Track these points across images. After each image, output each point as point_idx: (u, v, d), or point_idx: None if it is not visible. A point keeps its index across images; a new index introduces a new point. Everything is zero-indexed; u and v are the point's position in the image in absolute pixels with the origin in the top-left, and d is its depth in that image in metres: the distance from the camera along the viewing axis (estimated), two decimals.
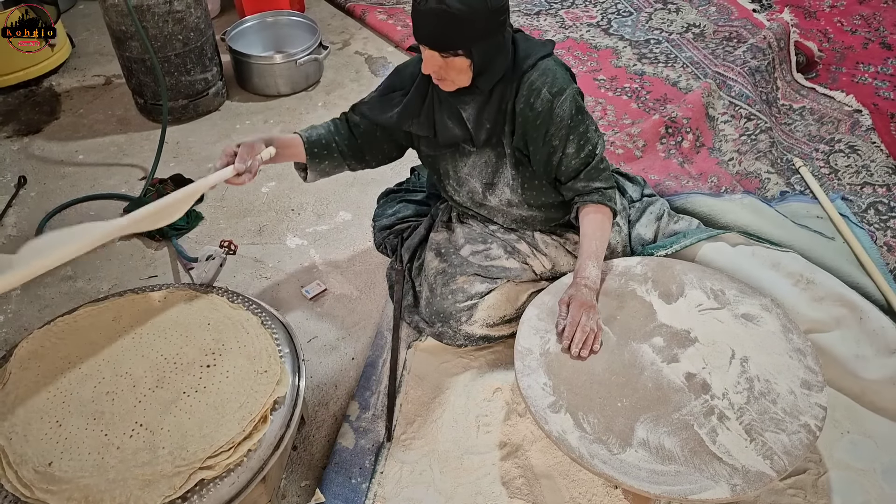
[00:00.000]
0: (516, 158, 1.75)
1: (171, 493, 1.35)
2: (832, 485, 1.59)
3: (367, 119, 1.81)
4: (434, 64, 1.56)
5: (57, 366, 1.55)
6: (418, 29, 1.52)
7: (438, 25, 1.48)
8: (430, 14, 1.47)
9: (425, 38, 1.52)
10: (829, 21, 3.27)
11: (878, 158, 2.48)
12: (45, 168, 2.63)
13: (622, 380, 1.55)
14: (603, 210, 1.73)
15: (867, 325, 1.76)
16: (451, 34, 1.49)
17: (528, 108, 1.65)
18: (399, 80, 1.78)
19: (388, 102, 1.78)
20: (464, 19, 1.46)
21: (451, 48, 1.51)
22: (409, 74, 1.76)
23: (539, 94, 1.63)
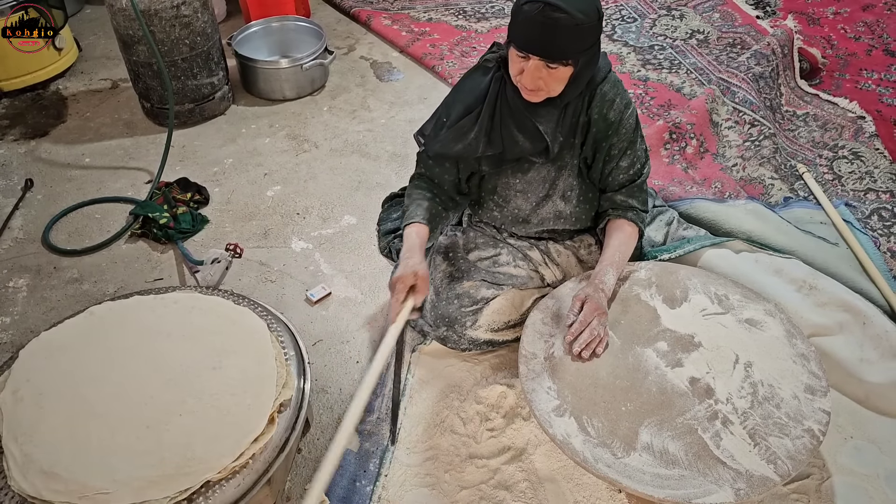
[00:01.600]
0: (579, 169, 1.75)
1: (177, 495, 1.35)
2: (836, 490, 1.59)
3: (445, 157, 1.74)
4: (538, 74, 1.50)
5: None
6: (529, 38, 1.46)
7: (556, 34, 1.43)
8: (549, 23, 1.41)
9: (538, 47, 1.46)
10: (832, 28, 3.27)
11: (882, 165, 2.49)
12: (51, 171, 2.65)
13: (626, 384, 1.55)
14: (633, 228, 1.75)
15: (871, 329, 1.76)
16: (567, 43, 1.45)
17: (602, 119, 1.66)
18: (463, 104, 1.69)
19: (459, 133, 1.69)
20: (581, 27, 1.43)
21: (564, 57, 1.47)
22: (476, 94, 1.68)
23: (612, 105, 1.65)
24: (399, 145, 2.75)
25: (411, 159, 2.67)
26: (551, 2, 1.41)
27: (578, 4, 1.43)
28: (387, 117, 2.91)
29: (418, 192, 1.79)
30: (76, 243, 2.34)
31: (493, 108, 1.66)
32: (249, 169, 2.65)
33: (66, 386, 1.51)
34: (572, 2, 1.42)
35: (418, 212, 1.74)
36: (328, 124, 2.89)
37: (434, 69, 3.15)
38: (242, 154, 2.73)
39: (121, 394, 1.49)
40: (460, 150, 1.70)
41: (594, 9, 1.46)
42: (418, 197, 1.78)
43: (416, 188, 1.81)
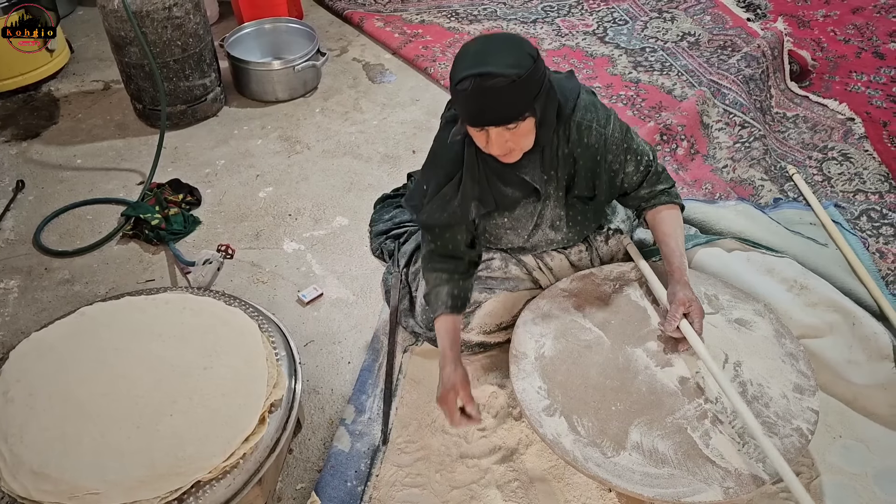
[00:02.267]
0: (567, 200, 1.72)
1: (168, 495, 1.35)
2: (825, 489, 1.60)
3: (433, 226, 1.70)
4: (502, 141, 1.46)
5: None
6: (476, 113, 1.42)
7: (499, 99, 1.38)
8: (488, 92, 1.36)
9: (488, 118, 1.42)
10: (822, 30, 3.30)
11: (871, 166, 2.50)
12: (43, 172, 2.64)
13: (616, 384, 1.56)
14: (670, 208, 1.73)
15: (860, 330, 1.77)
16: (514, 102, 1.39)
17: (585, 149, 1.63)
18: (443, 171, 1.65)
19: (443, 202, 1.65)
20: (520, 81, 1.37)
21: (519, 116, 1.42)
22: (452, 160, 1.64)
23: (590, 131, 1.61)
24: (391, 147, 2.76)
25: (403, 160, 2.68)
26: (480, 72, 1.35)
27: (507, 60, 1.37)
28: (379, 119, 2.92)
29: (434, 275, 1.71)
30: (67, 244, 2.33)
31: (475, 171, 1.62)
32: (241, 170, 2.65)
33: (57, 386, 1.51)
34: (500, 61, 1.37)
35: (439, 301, 1.68)
36: (320, 126, 2.89)
37: (426, 71, 3.16)
38: (234, 155, 2.73)
39: (111, 394, 1.49)
40: (446, 218, 1.67)
41: (525, 54, 1.40)
42: (435, 282, 1.71)
43: (430, 272, 1.72)
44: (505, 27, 3.44)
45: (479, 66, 1.37)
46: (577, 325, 1.70)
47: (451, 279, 1.70)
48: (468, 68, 1.38)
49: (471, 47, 1.43)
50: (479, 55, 1.39)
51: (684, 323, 1.57)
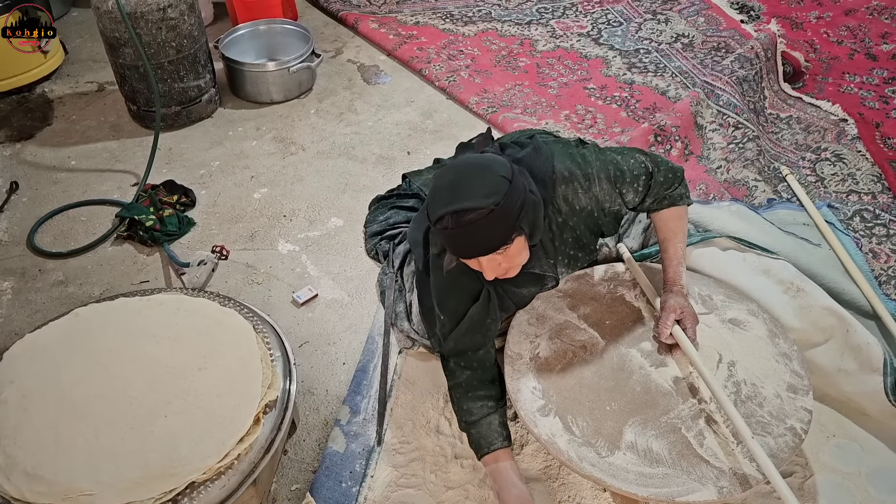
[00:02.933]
0: (569, 258, 1.71)
1: (162, 496, 1.35)
2: (818, 488, 1.60)
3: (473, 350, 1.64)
4: (495, 265, 1.42)
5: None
6: (462, 249, 1.38)
7: (481, 232, 1.34)
8: (468, 228, 1.33)
9: (477, 250, 1.38)
10: (815, 32, 3.31)
11: (864, 167, 2.52)
12: (37, 174, 2.63)
13: (611, 384, 1.56)
14: (676, 209, 1.71)
15: (853, 338, 1.74)
16: (497, 231, 1.35)
17: (578, 214, 1.61)
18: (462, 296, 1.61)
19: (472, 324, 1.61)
20: (499, 210, 1.33)
21: (505, 242, 1.37)
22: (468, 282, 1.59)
23: (578, 199, 1.59)
24: (386, 148, 2.76)
25: (398, 162, 2.68)
26: (458, 208, 1.32)
27: (482, 189, 1.34)
28: (374, 120, 2.92)
29: (478, 404, 1.62)
30: (62, 246, 2.33)
31: (492, 284, 1.59)
32: (236, 171, 2.65)
33: (51, 387, 1.51)
34: (475, 192, 1.33)
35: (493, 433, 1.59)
36: (315, 127, 2.89)
37: (421, 72, 3.16)
38: (229, 157, 2.72)
39: (105, 395, 1.49)
40: (476, 341, 1.62)
41: (499, 178, 1.36)
42: (481, 412, 1.61)
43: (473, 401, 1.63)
44: (500, 29, 3.45)
45: (454, 203, 1.33)
46: (571, 325, 1.70)
47: (497, 408, 1.63)
48: (444, 205, 1.34)
49: (443, 181, 1.39)
50: (452, 189, 1.36)
51: (677, 329, 1.57)
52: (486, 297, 1.60)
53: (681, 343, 1.56)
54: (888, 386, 1.66)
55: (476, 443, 1.60)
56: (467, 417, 1.62)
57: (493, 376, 1.67)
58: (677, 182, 1.69)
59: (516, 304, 1.70)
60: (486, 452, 1.58)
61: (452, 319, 1.61)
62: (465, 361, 1.65)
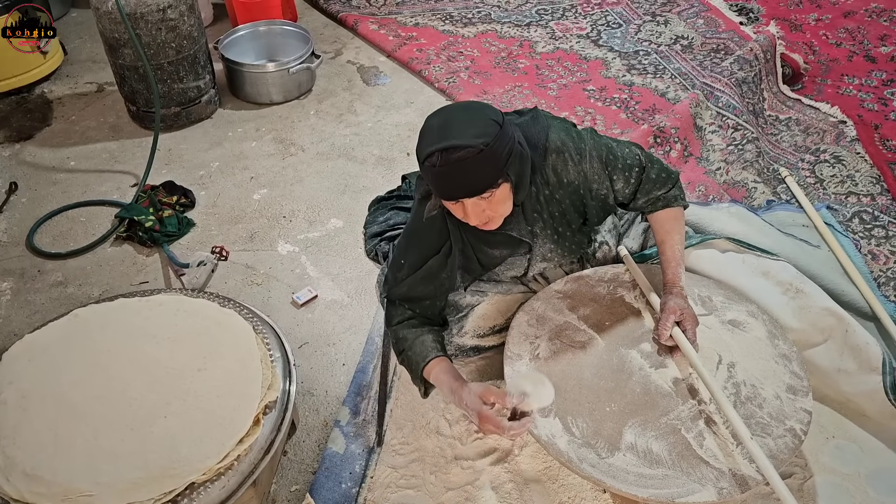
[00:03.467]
0: (557, 234, 1.70)
1: (162, 497, 1.35)
2: (818, 489, 1.60)
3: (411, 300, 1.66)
4: (479, 211, 1.42)
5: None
6: (448, 187, 1.38)
7: (469, 171, 1.34)
8: (457, 165, 1.33)
9: (461, 191, 1.38)
10: (814, 34, 3.32)
11: (863, 169, 2.52)
12: (36, 174, 2.63)
13: (611, 385, 1.56)
14: (672, 211, 1.71)
15: (852, 339, 1.74)
16: (485, 172, 1.36)
17: (566, 188, 1.61)
18: (426, 245, 1.62)
19: (428, 275, 1.62)
20: (488, 150, 1.34)
21: (492, 185, 1.38)
22: (435, 234, 1.60)
23: (567, 171, 1.59)
24: (385, 149, 2.76)
25: (398, 163, 2.68)
26: (447, 145, 1.32)
27: (472, 130, 1.34)
28: (373, 121, 2.92)
29: (412, 331, 1.65)
30: (61, 246, 2.33)
31: (459, 241, 1.60)
32: (236, 172, 2.65)
33: (50, 388, 1.51)
34: (465, 132, 1.34)
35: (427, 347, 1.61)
36: (315, 128, 2.89)
37: (421, 73, 3.16)
38: (229, 157, 2.72)
39: (105, 396, 1.49)
40: (431, 291, 1.64)
41: (489, 121, 1.37)
42: (416, 334, 1.64)
43: (407, 328, 1.65)
44: (499, 30, 3.45)
45: (443, 140, 1.33)
46: (571, 326, 1.70)
47: (432, 330, 1.67)
48: (433, 143, 1.34)
49: (433, 121, 1.40)
50: (442, 129, 1.36)
51: (677, 331, 1.57)
52: (446, 253, 1.61)
53: (681, 345, 1.56)
54: (887, 385, 1.67)
55: (415, 364, 1.60)
56: (402, 345, 1.64)
57: (430, 321, 1.69)
58: (671, 183, 1.69)
59: (484, 266, 1.68)
60: (423, 365, 1.59)
61: (411, 267, 1.63)
62: (410, 305, 1.67)
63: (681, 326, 1.59)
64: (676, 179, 1.71)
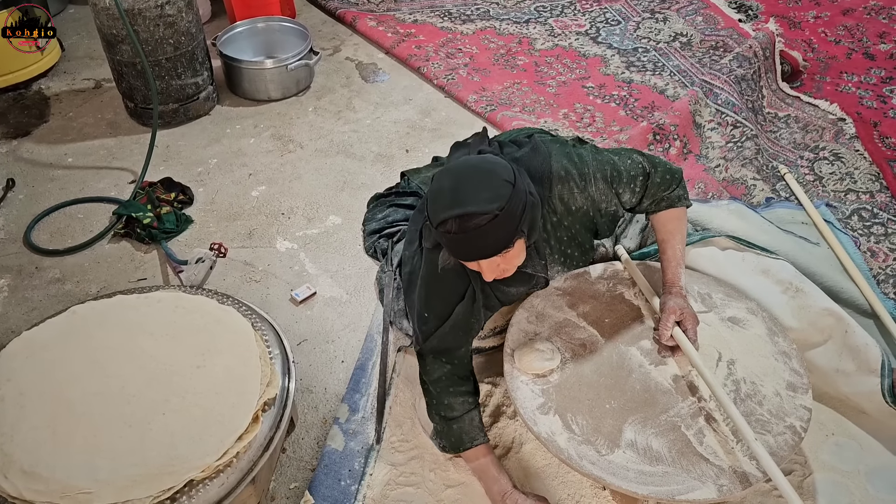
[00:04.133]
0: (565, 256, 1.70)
1: (160, 495, 1.35)
2: (817, 486, 1.61)
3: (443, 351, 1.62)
4: (494, 266, 1.40)
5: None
6: (465, 253, 1.37)
7: (486, 237, 1.32)
8: (473, 233, 1.31)
9: (480, 254, 1.36)
10: (813, 31, 3.31)
11: (862, 166, 2.52)
12: (33, 171, 2.62)
13: (610, 382, 1.56)
14: (675, 211, 1.70)
15: (851, 339, 1.73)
16: (500, 235, 1.33)
17: (574, 214, 1.60)
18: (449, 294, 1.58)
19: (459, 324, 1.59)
20: (503, 214, 1.32)
21: (508, 245, 1.36)
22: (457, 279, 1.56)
23: (574, 199, 1.57)
24: (384, 146, 2.75)
25: (397, 159, 2.67)
26: (462, 213, 1.30)
27: (486, 194, 1.31)
28: (372, 118, 2.92)
29: (460, 400, 1.61)
30: (58, 243, 2.32)
31: (481, 284, 1.57)
32: (234, 169, 2.64)
33: (48, 385, 1.50)
34: (478, 196, 1.31)
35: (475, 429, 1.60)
36: (313, 125, 2.88)
37: (419, 70, 3.16)
38: (227, 154, 2.72)
39: (103, 393, 1.48)
40: (459, 340, 1.61)
41: (502, 182, 1.34)
42: (463, 408, 1.60)
43: (455, 396, 1.61)
44: (498, 27, 3.44)
45: (457, 207, 1.30)
46: (571, 323, 1.70)
47: (476, 404, 1.64)
48: (446, 209, 1.32)
49: (445, 183, 1.37)
50: (454, 192, 1.33)
51: (677, 331, 1.57)
52: (471, 297, 1.58)
53: (682, 346, 1.56)
54: (885, 387, 1.66)
55: (458, 437, 1.59)
56: (448, 413, 1.61)
57: (469, 373, 1.66)
58: (675, 183, 1.68)
59: (502, 302, 1.68)
60: (469, 447, 1.58)
61: (438, 318, 1.59)
62: (447, 358, 1.63)
63: (681, 326, 1.58)
64: (680, 178, 1.70)
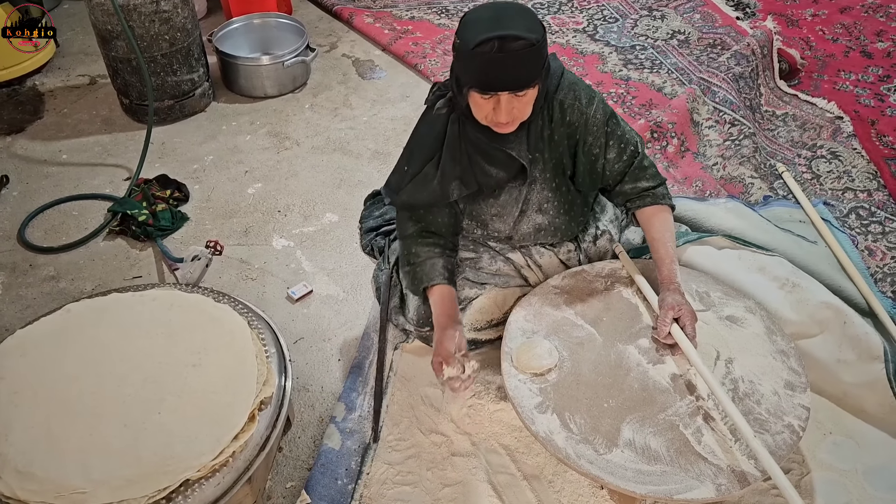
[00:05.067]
0: (556, 182, 1.71)
1: (156, 494, 1.34)
2: (815, 485, 1.60)
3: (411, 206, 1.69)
4: (510, 108, 1.45)
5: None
6: (494, 77, 1.40)
7: (519, 63, 1.37)
8: (511, 55, 1.36)
9: (506, 82, 1.40)
10: (811, 29, 3.31)
11: (859, 164, 2.52)
12: (28, 167, 2.61)
13: (608, 381, 1.55)
14: (659, 208, 1.71)
15: (850, 329, 1.76)
16: (530, 67, 1.40)
17: (566, 128, 1.62)
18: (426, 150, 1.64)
19: (423, 181, 1.64)
20: (537, 46, 1.38)
21: (532, 83, 1.42)
22: (434, 139, 1.62)
23: (572, 109, 1.60)
24: (381, 143, 2.74)
25: (393, 157, 2.62)
26: (505, 34, 1.34)
27: (526, 23, 1.38)
28: (369, 115, 2.90)
29: (425, 248, 1.69)
30: (53, 241, 2.30)
31: (457, 150, 1.60)
32: (230, 166, 2.63)
33: (42, 384, 1.49)
34: (521, 24, 1.38)
35: (436, 272, 1.66)
36: (310, 122, 2.87)
37: (416, 67, 3.14)
38: (223, 151, 2.70)
39: (98, 392, 1.47)
40: (426, 197, 1.66)
41: (537, 21, 1.42)
42: (428, 254, 1.69)
43: (419, 245, 1.70)
44: None
45: (499, 29, 1.35)
46: (568, 322, 1.69)
47: (444, 254, 1.71)
48: (487, 31, 1.36)
49: (482, 13, 1.42)
50: (495, 20, 1.38)
51: (676, 329, 1.57)
52: (437, 160, 1.63)
53: (680, 343, 1.56)
54: (891, 372, 1.67)
55: (418, 278, 1.65)
56: (413, 259, 1.67)
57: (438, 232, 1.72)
58: (659, 181, 1.72)
59: (479, 183, 1.66)
60: (426, 285, 1.63)
61: (412, 173, 1.66)
62: (416, 216, 1.70)
63: (679, 323, 1.58)
64: (664, 182, 1.74)
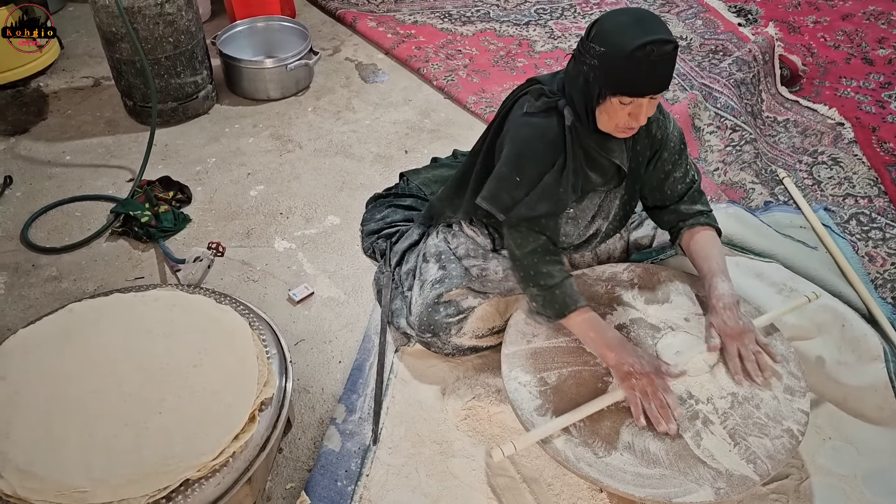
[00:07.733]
0: (631, 191, 1.71)
1: (156, 494, 1.34)
2: (814, 490, 1.60)
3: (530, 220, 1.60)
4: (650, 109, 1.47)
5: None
6: (648, 81, 1.40)
7: (669, 66, 1.41)
8: (664, 59, 1.38)
9: (659, 85, 1.42)
10: (812, 36, 3.32)
11: (860, 171, 2.52)
12: (31, 168, 2.62)
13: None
14: (711, 231, 1.73)
15: (849, 332, 1.77)
16: (673, 69, 1.43)
17: (650, 139, 1.64)
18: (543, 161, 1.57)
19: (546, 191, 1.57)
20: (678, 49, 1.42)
21: (668, 85, 1.44)
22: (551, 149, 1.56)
23: (657, 122, 1.63)
24: (383, 147, 2.75)
25: (396, 160, 2.67)
26: (656, 38, 1.36)
27: (665, 27, 1.41)
28: (371, 118, 2.91)
29: (556, 268, 1.62)
30: (55, 241, 2.31)
31: (575, 159, 1.58)
32: (233, 168, 2.64)
33: (43, 383, 1.49)
34: (663, 27, 1.40)
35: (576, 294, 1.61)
36: (312, 125, 2.88)
37: (419, 71, 3.16)
38: (226, 153, 2.71)
39: (99, 391, 1.48)
40: (549, 208, 1.59)
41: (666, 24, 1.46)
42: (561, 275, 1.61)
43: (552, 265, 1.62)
44: (498, 29, 3.44)
45: (651, 34, 1.36)
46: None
47: (569, 271, 1.66)
48: (640, 36, 1.36)
49: (623, 19, 1.41)
50: (642, 25, 1.39)
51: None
52: (560, 167, 1.57)
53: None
54: (892, 371, 1.68)
55: (562, 302, 1.60)
56: (548, 281, 1.61)
57: (559, 248, 1.69)
58: (710, 209, 1.76)
59: (581, 189, 1.65)
60: (573, 309, 1.59)
61: (529, 183, 1.57)
62: (539, 227, 1.61)
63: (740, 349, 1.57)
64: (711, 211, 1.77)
